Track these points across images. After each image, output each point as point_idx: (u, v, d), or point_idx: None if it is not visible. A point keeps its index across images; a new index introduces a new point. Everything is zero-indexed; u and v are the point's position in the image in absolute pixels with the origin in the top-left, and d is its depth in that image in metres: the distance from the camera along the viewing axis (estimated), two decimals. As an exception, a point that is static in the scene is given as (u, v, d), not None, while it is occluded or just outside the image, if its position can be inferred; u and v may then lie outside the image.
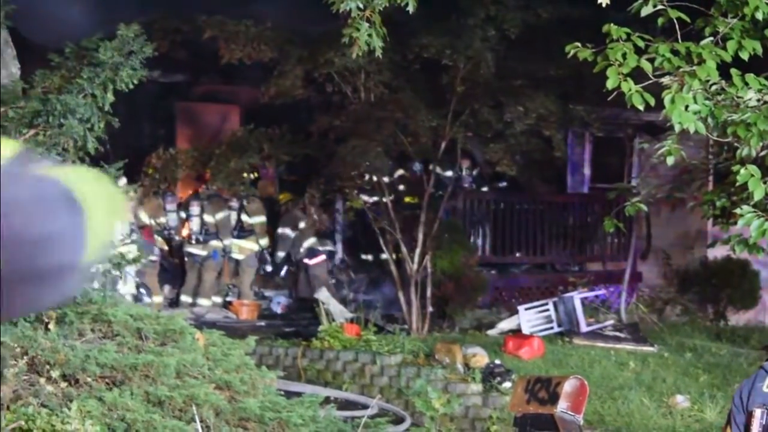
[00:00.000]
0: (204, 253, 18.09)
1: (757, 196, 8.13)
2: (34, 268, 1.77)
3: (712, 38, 8.43)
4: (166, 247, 17.65)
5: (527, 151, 18.30)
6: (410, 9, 8.62)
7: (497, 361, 14.31)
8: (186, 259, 18.27)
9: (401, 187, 19.01)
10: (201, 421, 8.78)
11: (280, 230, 19.18)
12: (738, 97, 8.29)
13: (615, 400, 13.63)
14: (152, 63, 10.30)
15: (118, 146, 16.34)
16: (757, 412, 5.55)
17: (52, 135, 9.38)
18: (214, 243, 18.16)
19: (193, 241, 18.07)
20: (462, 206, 19.06)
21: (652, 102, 8.18)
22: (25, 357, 8.78)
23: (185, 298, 18.09)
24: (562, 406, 8.30)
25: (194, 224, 18.08)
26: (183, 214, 18.24)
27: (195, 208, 18.12)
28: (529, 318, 16.84)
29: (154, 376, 9.01)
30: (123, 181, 16.09)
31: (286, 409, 9.56)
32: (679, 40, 8.33)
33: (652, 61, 8.27)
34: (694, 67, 8.19)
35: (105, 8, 14.66)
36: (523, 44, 16.92)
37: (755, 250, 9.40)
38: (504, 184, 20.69)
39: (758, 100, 8.27)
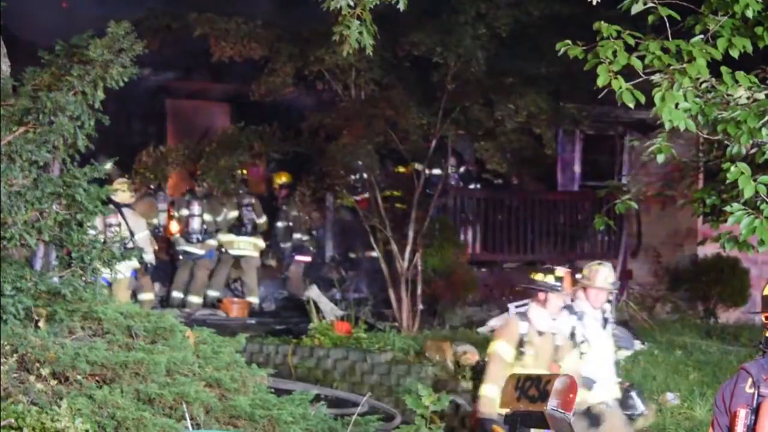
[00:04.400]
0: (202, 252, 18.07)
1: (747, 193, 8.13)
2: None
3: (702, 36, 8.43)
4: (156, 247, 17.63)
5: (518, 149, 18.30)
6: (401, 6, 8.60)
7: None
8: (180, 257, 18.24)
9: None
10: (191, 419, 8.77)
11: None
12: (728, 95, 8.29)
13: (605, 397, 13.63)
14: (142, 60, 10.28)
15: (108, 144, 16.36)
16: (741, 412, 5.56)
17: (42, 132, 9.36)
18: (210, 242, 18.15)
19: (193, 240, 18.02)
20: (452, 204, 19.07)
21: (643, 100, 8.18)
22: (15, 355, 8.78)
23: (176, 294, 18.08)
24: (552, 403, 8.28)
25: (195, 223, 18.03)
26: (184, 212, 18.16)
27: (196, 207, 18.07)
28: (520, 316, 16.82)
29: (145, 373, 9.00)
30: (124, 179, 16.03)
31: (276, 406, 9.57)
32: (670, 38, 8.33)
33: (642, 58, 8.27)
34: (685, 65, 8.19)
35: (95, 5, 14.66)
36: (514, 42, 16.93)
37: (745, 247, 9.40)
38: (476, 186, 20.65)
39: (748, 98, 8.28)
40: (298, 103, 18.18)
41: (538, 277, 10.49)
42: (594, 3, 8.27)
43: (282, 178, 19.86)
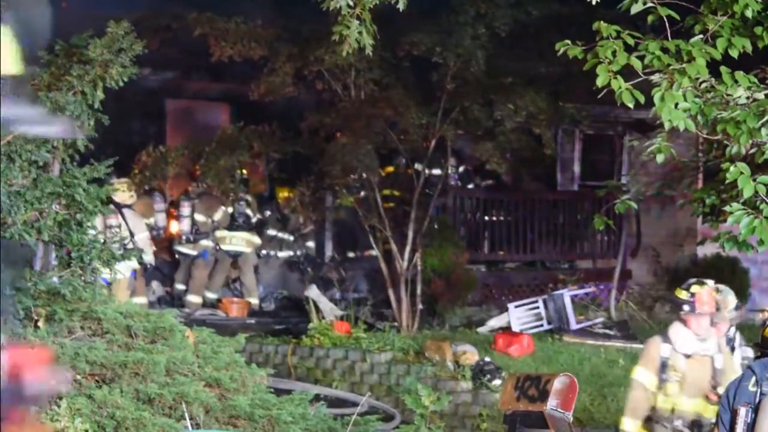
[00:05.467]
0: (194, 252, 18.08)
1: (747, 193, 8.13)
2: None
3: (701, 36, 8.43)
4: (154, 247, 17.65)
5: (517, 148, 18.30)
6: (400, 6, 8.61)
7: (487, 359, 14.32)
8: (177, 256, 18.31)
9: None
10: (191, 419, 8.78)
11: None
12: (727, 95, 8.29)
13: (605, 397, 13.64)
14: (142, 60, 10.27)
15: (108, 144, 16.36)
16: (742, 411, 5.60)
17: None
18: (204, 242, 18.15)
19: (183, 241, 18.05)
20: (452, 204, 19.06)
21: (642, 99, 8.18)
22: (14, 354, 8.76)
23: (179, 286, 18.14)
24: (551, 403, 8.32)
25: (184, 224, 18.05)
26: (178, 213, 18.21)
27: (185, 209, 18.08)
28: (519, 315, 16.85)
29: (144, 373, 9.00)
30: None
31: (276, 406, 9.57)
32: (669, 38, 8.33)
33: (642, 58, 8.27)
34: (684, 65, 8.19)
35: (95, 5, 14.63)
36: (514, 42, 16.93)
37: (745, 247, 9.40)
38: (490, 181, 20.66)
39: (747, 98, 8.28)
40: (297, 103, 18.18)
41: (682, 294, 9.28)
42: (593, 3, 8.28)
43: (290, 194, 19.95)
